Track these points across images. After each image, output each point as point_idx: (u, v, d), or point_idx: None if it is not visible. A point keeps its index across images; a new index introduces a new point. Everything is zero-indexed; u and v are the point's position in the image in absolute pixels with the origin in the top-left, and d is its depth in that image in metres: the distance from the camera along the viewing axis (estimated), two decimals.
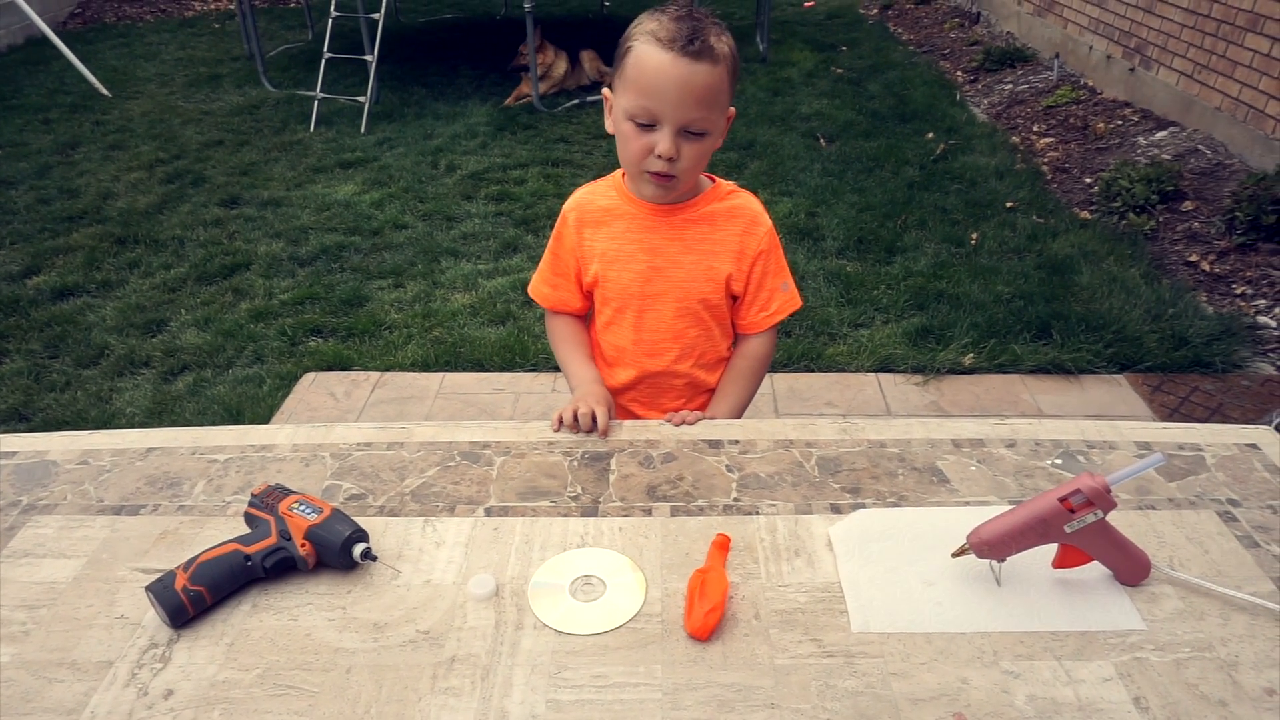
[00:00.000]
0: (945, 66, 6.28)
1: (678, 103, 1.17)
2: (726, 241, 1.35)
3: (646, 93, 1.18)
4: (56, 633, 0.93)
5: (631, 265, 1.35)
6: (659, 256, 1.34)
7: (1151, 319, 3.01)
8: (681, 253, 1.34)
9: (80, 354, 3.09)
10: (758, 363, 1.44)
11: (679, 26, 1.16)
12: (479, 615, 0.95)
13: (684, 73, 1.16)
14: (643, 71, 1.17)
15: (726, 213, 1.35)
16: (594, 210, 1.37)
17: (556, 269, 1.43)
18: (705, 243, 1.34)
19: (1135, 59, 4.82)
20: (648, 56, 1.17)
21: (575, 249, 1.39)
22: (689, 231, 1.34)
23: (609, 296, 1.39)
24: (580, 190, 1.41)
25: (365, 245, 3.83)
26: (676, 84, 1.16)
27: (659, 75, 1.16)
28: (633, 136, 1.22)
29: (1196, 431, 1.24)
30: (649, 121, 1.20)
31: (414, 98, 5.71)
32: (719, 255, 1.35)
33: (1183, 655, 0.89)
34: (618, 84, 1.23)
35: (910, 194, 4.13)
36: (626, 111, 1.21)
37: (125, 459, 1.21)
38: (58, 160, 4.86)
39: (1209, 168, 3.93)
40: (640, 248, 1.34)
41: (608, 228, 1.36)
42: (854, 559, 1.01)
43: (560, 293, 1.44)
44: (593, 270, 1.38)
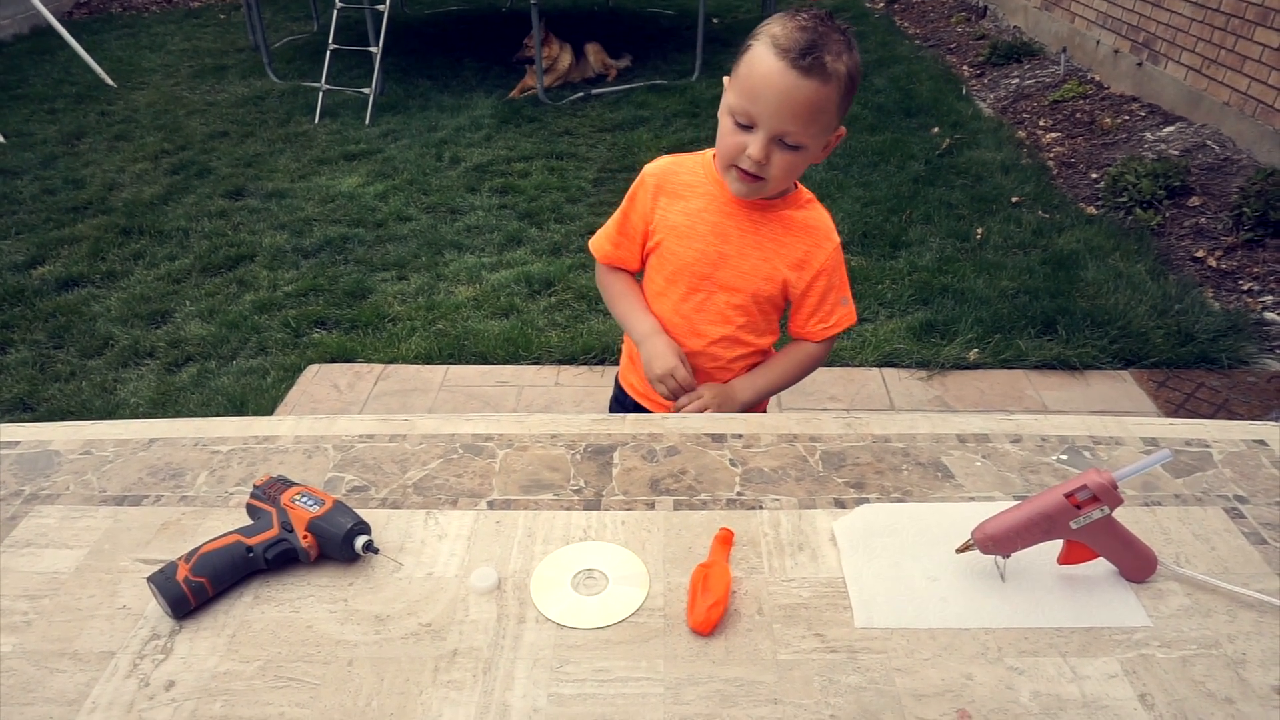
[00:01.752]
0: (951, 61, 6.25)
1: (775, 113, 1.17)
2: (794, 248, 1.35)
3: (749, 95, 1.18)
4: (58, 623, 0.93)
5: (696, 244, 1.35)
6: (727, 243, 1.35)
7: (1157, 315, 3.00)
8: (750, 246, 1.35)
9: (85, 344, 3.09)
10: (806, 358, 1.45)
11: (799, 37, 1.14)
12: (481, 608, 0.94)
13: (788, 85, 1.15)
14: (751, 73, 1.18)
15: (801, 221, 1.36)
16: (675, 181, 1.38)
17: (623, 229, 1.44)
18: (773, 243, 1.35)
19: (1143, 53, 4.79)
20: (759, 59, 1.17)
21: (646, 214, 1.39)
22: (763, 228, 1.34)
23: (665, 267, 1.40)
24: (666, 158, 1.41)
25: (369, 237, 3.83)
26: (778, 94, 1.16)
27: (763, 82, 1.16)
28: (729, 132, 1.22)
29: (1204, 428, 1.23)
30: (747, 123, 1.20)
31: (418, 90, 5.70)
32: (783, 259, 1.36)
33: (1189, 652, 0.88)
34: (733, 76, 1.23)
35: (915, 188, 4.11)
36: (729, 107, 1.22)
37: (128, 449, 1.21)
38: (63, 150, 4.86)
39: (1217, 163, 3.91)
40: (711, 229, 1.35)
41: (684, 201, 1.36)
42: (858, 554, 1.01)
43: (620, 251, 1.45)
44: (657, 238, 1.39)
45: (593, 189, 4.28)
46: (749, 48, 1.19)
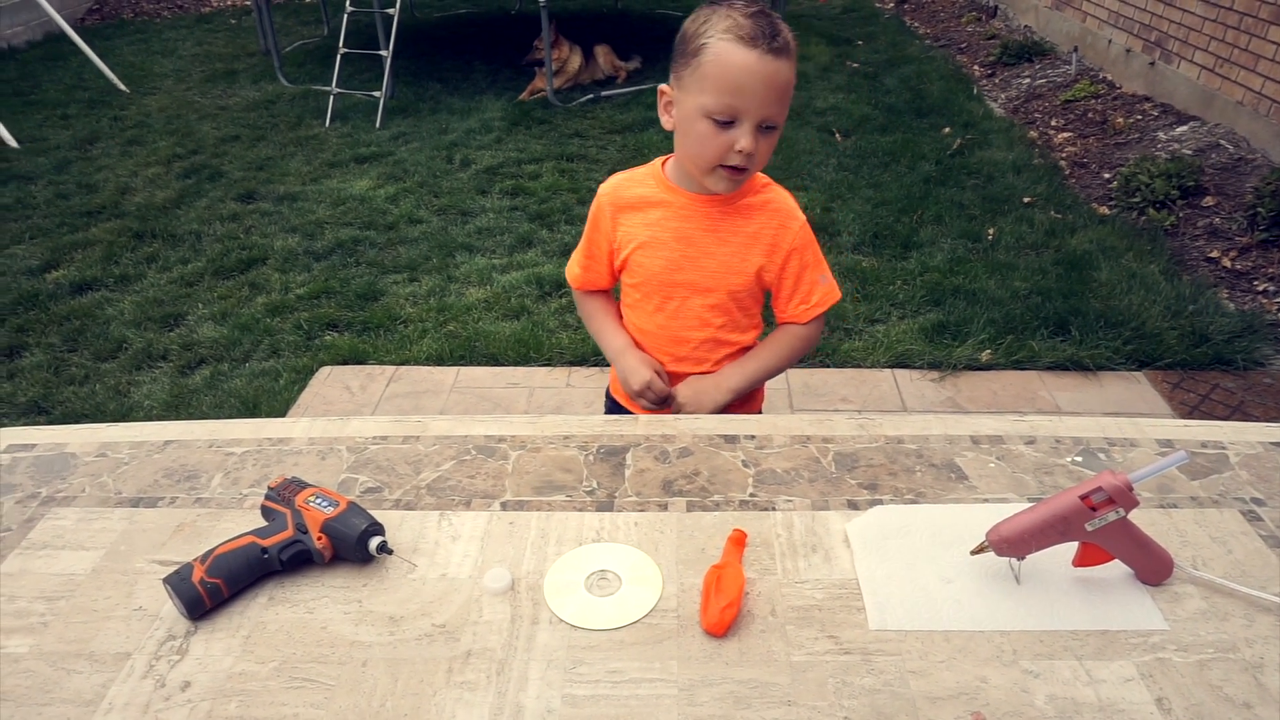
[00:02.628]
0: (962, 60, 6.23)
1: (763, 100, 1.18)
2: (760, 234, 1.35)
3: (731, 91, 1.18)
4: (75, 624, 0.94)
5: (662, 252, 1.36)
6: (692, 246, 1.35)
7: (1171, 315, 2.98)
8: (715, 244, 1.35)
9: (99, 347, 3.11)
10: (795, 340, 1.44)
11: (757, 24, 1.17)
12: (494, 609, 0.94)
13: (770, 70, 1.17)
14: (727, 71, 1.17)
15: (761, 205, 1.36)
16: (630, 196, 1.38)
17: (589, 252, 1.45)
18: (739, 235, 1.35)
19: (1156, 52, 4.77)
20: (731, 55, 1.16)
21: (609, 233, 1.40)
22: (724, 224, 1.34)
23: (637, 281, 1.41)
24: (616, 176, 1.42)
25: (380, 240, 3.84)
26: (763, 82, 1.17)
27: (745, 74, 1.16)
28: (711, 135, 1.21)
29: (1220, 429, 1.22)
30: (730, 119, 1.20)
31: (429, 93, 5.72)
32: (751, 248, 1.35)
33: (1206, 656, 0.87)
34: (690, 82, 1.21)
35: (926, 189, 4.10)
36: (705, 110, 1.20)
37: (143, 452, 1.22)
38: (76, 155, 4.90)
39: (1230, 163, 3.88)
40: (674, 236, 1.35)
41: (643, 214, 1.37)
42: (871, 556, 1.00)
43: (590, 274, 1.47)
44: (624, 254, 1.40)
45: None
46: (702, 48, 1.18)
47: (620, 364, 1.44)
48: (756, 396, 1.54)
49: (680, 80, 1.24)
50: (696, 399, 1.39)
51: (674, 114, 1.28)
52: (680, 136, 1.28)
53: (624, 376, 1.42)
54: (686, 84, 1.23)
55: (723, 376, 1.41)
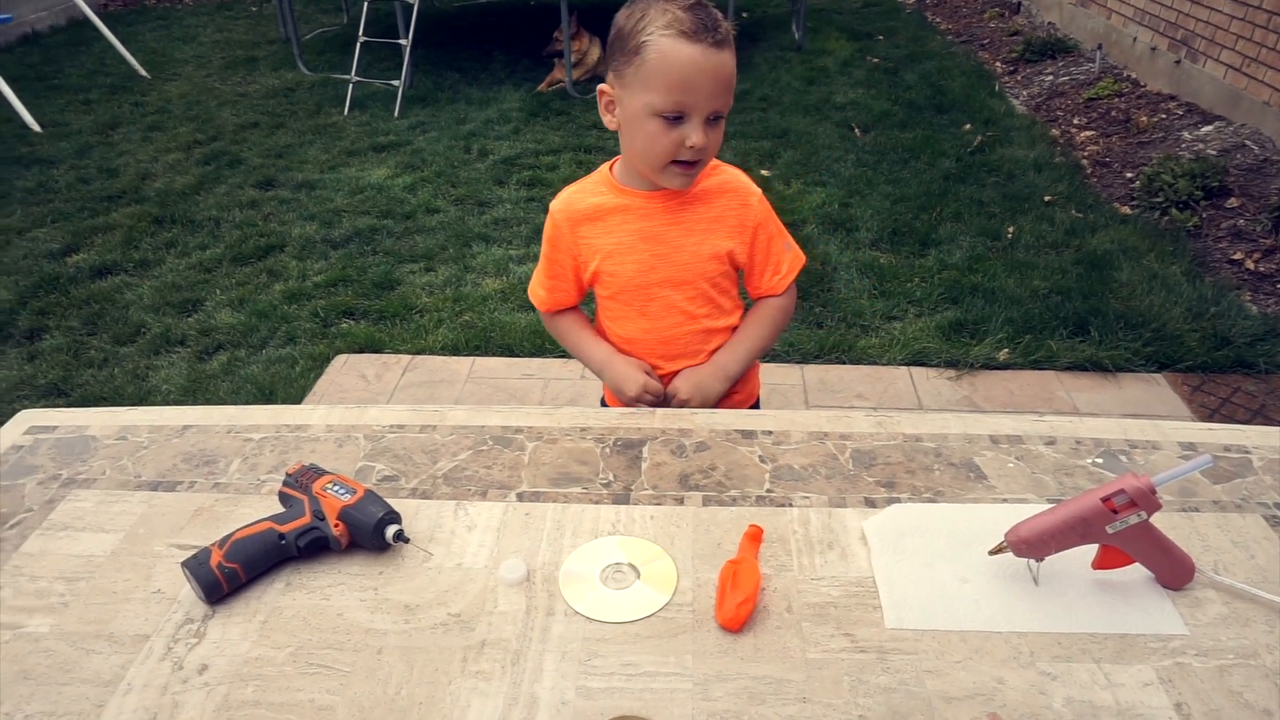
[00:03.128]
0: (984, 57, 6.17)
1: (712, 94, 1.17)
2: (723, 217, 1.34)
3: (679, 87, 1.16)
4: (94, 605, 0.95)
5: (632, 256, 1.34)
6: (660, 244, 1.33)
7: (1193, 317, 2.95)
8: (682, 236, 1.33)
9: (118, 331, 3.14)
10: (779, 312, 1.43)
11: (697, 17, 1.15)
12: (510, 600, 0.95)
13: (715, 63, 1.16)
14: (673, 67, 1.15)
15: (718, 188, 1.34)
16: (584, 208, 1.35)
17: (551, 272, 1.42)
18: (702, 222, 1.33)
19: (1181, 51, 4.71)
20: (676, 51, 1.15)
21: (571, 248, 1.37)
22: (685, 214, 1.33)
23: (612, 291, 1.38)
24: (564, 191, 1.40)
25: (397, 229, 3.85)
26: (711, 76, 1.16)
27: (692, 69, 1.15)
28: (660, 133, 1.19)
29: (1243, 433, 1.21)
30: (677, 114, 1.18)
31: (447, 82, 5.72)
32: (718, 232, 1.34)
33: (1227, 662, 0.87)
34: (632, 80, 1.19)
35: (946, 186, 4.07)
36: (653, 108, 1.18)
37: (162, 436, 1.22)
38: (98, 140, 4.93)
39: (1256, 164, 3.83)
40: (639, 238, 1.33)
41: (602, 223, 1.35)
42: (888, 554, 1.00)
43: (556, 294, 1.44)
44: (592, 266, 1.37)
45: None
46: (643, 45, 1.16)
47: (609, 374, 1.41)
48: (753, 380, 1.52)
49: (622, 79, 1.21)
50: (701, 392, 1.37)
51: (617, 114, 1.25)
52: (627, 137, 1.26)
53: (617, 385, 1.39)
54: (629, 82, 1.20)
55: (719, 365, 1.39)
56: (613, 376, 1.40)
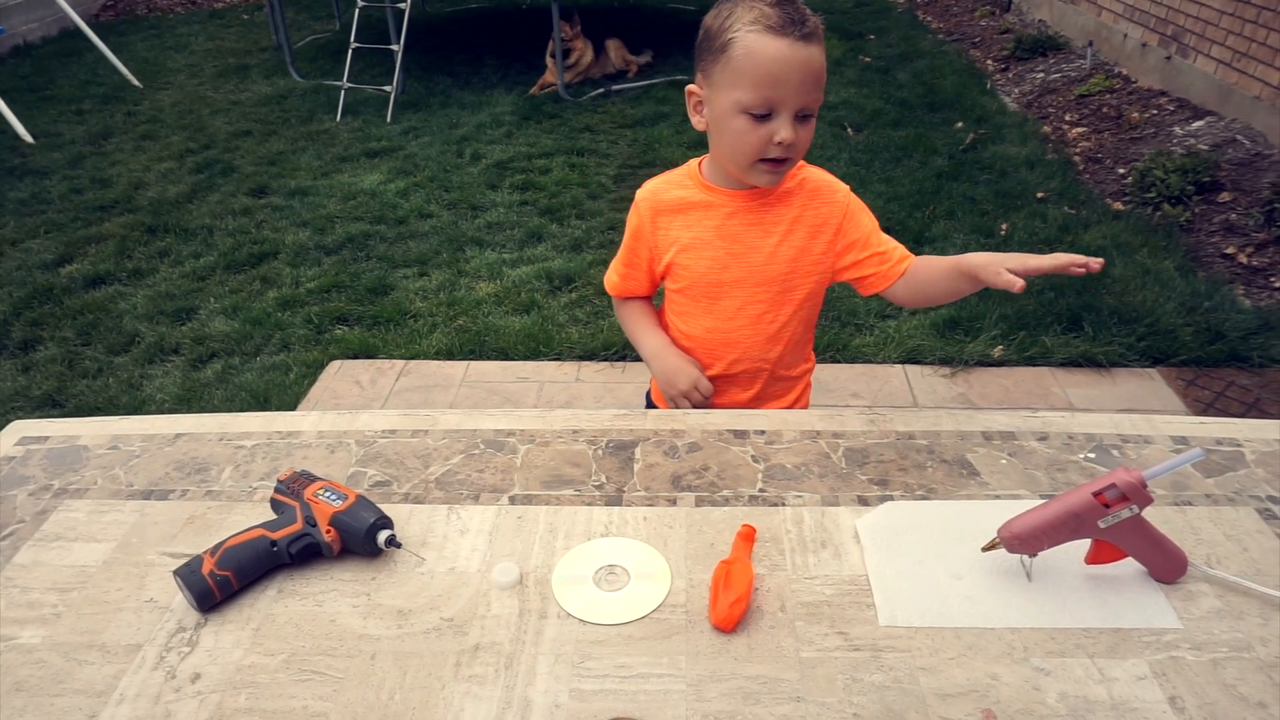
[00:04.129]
0: (975, 55, 6.18)
1: (800, 89, 1.16)
2: (804, 217, 1.32)
3: (767, 83, 1.15)
4: (87, 615, 0.95)
5: (707, 252, 1.34)
6: (737, 243, 1.33)
7: (1186, 312, 2.96)
8: (760, 236, 1.32)
9: (111, 341, 3.13)
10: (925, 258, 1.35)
11: (784, 11, 1.14)
12: (503, 603, 0.94)
13: (804, 57, 1.15)
14: (759, 63, 1.15)
15: (798, 187, 1.33)
16: (668, 200, 1.36)
17: (628, 260, 1.43)
18: (781, 223, 1.32)
19: (1172, 47, 4.72)
20: (762, 46, 1.14)
21: (649, 238, 1.38)
22: (767, 215, 1.32)
23: (682, 285, 1.38)
24: (652, 180, 1.40)
25: (390, 234, 3.85)
26: (799, 70, 1.15)
27: (780, 64, 1.14)
28: (749, 130, 1.19)
29: (1235, 426, 1.21)
30: (766, 111, 1.17)
31: (439, 87, 5.72)
32: (796, 232, 1.32)
33: (1220, 655, 0.87)
34: (720, 79, 1.19)
35: (939, 184, 4.07)
36: (741, 105, 1.18)
37: (154, 444, 1.22)
38: (90, 150, 4.92)
39: (1247, 158, 3.84)
40: (717, 235, 1.33)
41: (684, 216, 1.35)
42: (881, 552, 1.00)
43: (629, 282, 1.45)
44: (666, 258, 1.37)
45: (614, 185, 4.28)
46: (730, 43, 1.16)
47: (660, 363, 1.41)
48: (805, 392, 1.51)
49: (709, 78, 1.22)
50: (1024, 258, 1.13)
51: (705, 113, 1.26)
52: (715, 135, 1.26)
53: (668, 376, 1.39)
54: (717, 81, 1.20)
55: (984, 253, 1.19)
56: (664, 367, 1.40)
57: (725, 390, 1.44)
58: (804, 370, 1.49)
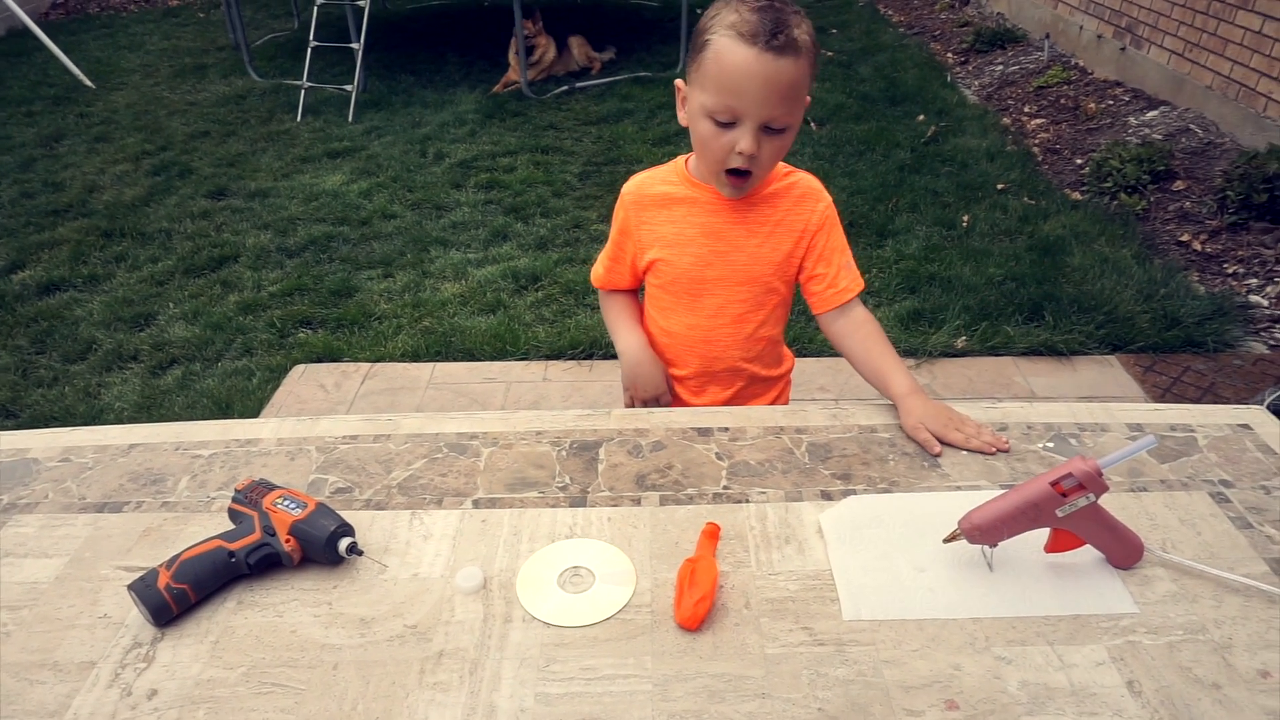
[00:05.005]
0: (936, 48, 6.25)
1: (762, 101, 1.13)
2: (787, 221, 1.32)
3: (729, 91, 1.13)
4: (38, 633, 0.92)
5: (690, 249, 1.33)
6: (721, 241, 1.32)
7: (1143, 299, 3.01)
8: (744, 236, 1.32)
9: (67, 349, 3.06)
10: (873, 324, 1.33)
11: (762, 19, 1.11)
12: (467, 609, 0.94)
13: (768, 70, 1.11)
14: (724, 68, 1.13)
15: (785, 191, 1.32)
16: (652, 195, 1.36)
17: (614, 254, 1.43)
18: (766, 224, 1.32)
19: (1126, 38, 4.80)
20: (729, 52, 1.12)
21: (633, 232, 1.38)
22: (751, 215, 1.31)
23: (664, 281, 1.38)
24: (638, 175, 1.39)
25: (354, 235, 3.81)
26: (761, 82, 1.12)
27: (742, 73, 1.12)
28: (712, 135, 1.18)
29: (1189, 412, 1.23)
30: (730, 120, 1.16)
31: (401, 86, 5.66)
32: (780, 235, 1.32)
33: (1176, 638, 0.88)
34: (694, 78, 1.19)
35: (901, 177, 4.11)
36: (706, 109, 1.17)
37: (108, 456, 1.19)
38: (41, 153, 4.81)
39: (1200, 147, 3.92)
40: (701, 232, 1.33)
41: (667, 212, 1.34)
42: (845, 546, 1.00)
43: (613, 275, 1.45)
44: (649, 254, 1.37)
45: (579, 183, 4.26)
46: (706, 44, 1.15)
47: (632, 360, 1.42)
48: (785, 390, 1.52)
49: (690, 76, 1.21)
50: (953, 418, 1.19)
51: (686, 110, 1.25)
52: (691, 134, 1.25)
53: (635, 378, 1.42)
54: (693, 79, 1.20)
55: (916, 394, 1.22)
56: (634, 369, 1.41)
57: (706, 389, 1.44)
58: (783, 371, 1.50)
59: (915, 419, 1.19)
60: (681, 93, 1.25)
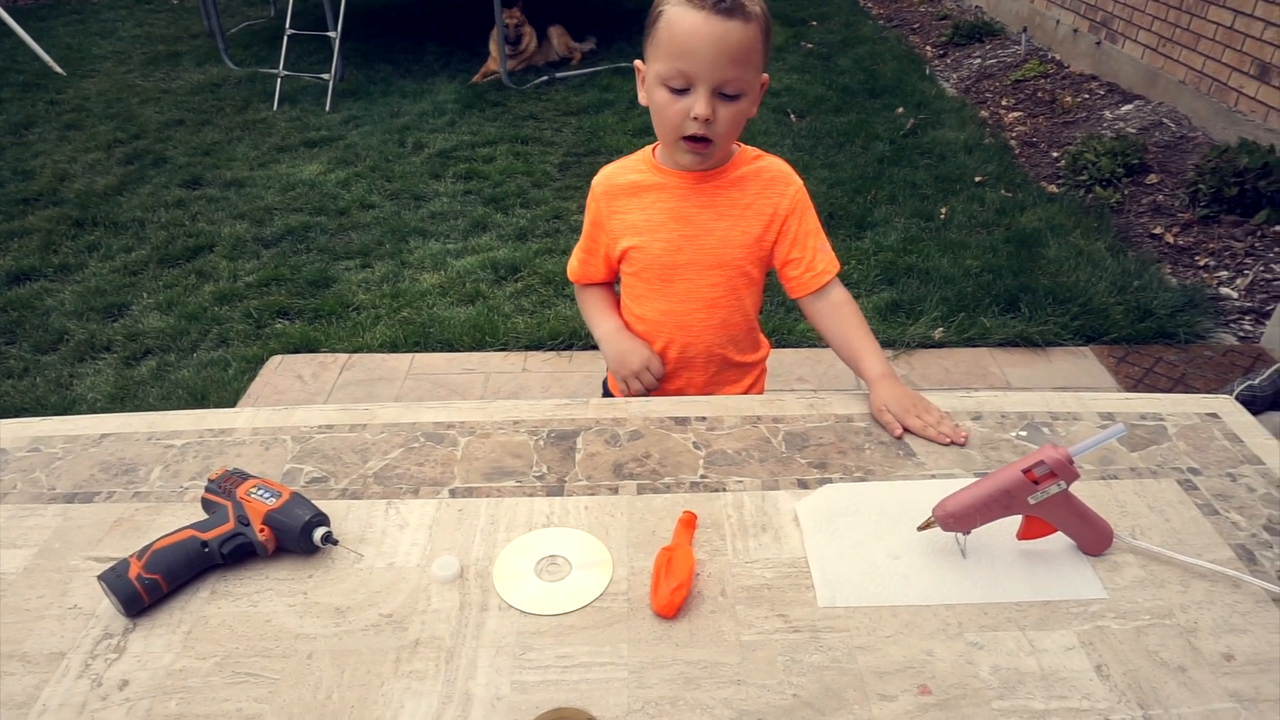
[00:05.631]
0: (915, 41, 6.27)
1: (712, 63, 1.15)
2: (756, 204, 1.32)
3: (680, 55, 1.15)
4: (6, 624, 0.91)
5: (661, 235, 1.34)
6: (690, 225, 1.32)
7: (1117, 291, 3.05)
8: (713, 220, 1.32)
9: (38, 339, 3.02)
10: (851, 305, 1.35)
11: None
12: (443, 598, 0.93)
13: (717, 31, 1.13)
14: (675, 34, 1.15)
15: (754, 174, 1.33)
16: (621, 184, 1.36)
17: (587, 246, 1.43)
18: (735, 208, 1.32)
19: (1101, 32, 4.84)
20: (679, 18, 1.14)
21: (605, 223, 1.38)
22: (719, 198, 1.32)
23: (636, 269, 1.38)
24: (607, 166, 1.40)
25: (331, 225, 3.77)
26: (710, 43, 1.13)
27: (692, 36, 1.14)
28: (667, 103, 1.19)
29: (1158, 402, 1.25)
30: (683, 86, 1.17)
31: (380, 75, 5.62)
32: (749, 218, 1.33)
33: (1143, 623, 0.90)
34: (649, 51, 1.20)
35: (880, 169, 4.13)
36: (660, 77, 1.18)
37: (78, 445, 1.18)
38: (10, 141, 4.73)
39: (1173, 141, 3.96)
40: (670, 217, 1.33)
41: (637, 199, 1.35)
42: (820, 534, 1.01)
43: (587, 267, 1.45)
44: (622, 243, 1.37)
45: (558, 173, 4.25)
46: (659, 15, 1.17)
47: (611, 346, 1.41)
48: (760, 378, 1.52)
49: (645, 51, 1.23)
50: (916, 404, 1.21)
51: (645, 86, 1.26)
52: (650, 109, 1.26)
53: (620, 357, 1.40)
54: (648, 54, 1.21)
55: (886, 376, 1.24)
56: (616, 350, 1.40)
57: (680, 374, 1.45)
58: (759, 357, 1.50)
59: (880, 401, 1.22)
60: (641, 72, 1.26)
